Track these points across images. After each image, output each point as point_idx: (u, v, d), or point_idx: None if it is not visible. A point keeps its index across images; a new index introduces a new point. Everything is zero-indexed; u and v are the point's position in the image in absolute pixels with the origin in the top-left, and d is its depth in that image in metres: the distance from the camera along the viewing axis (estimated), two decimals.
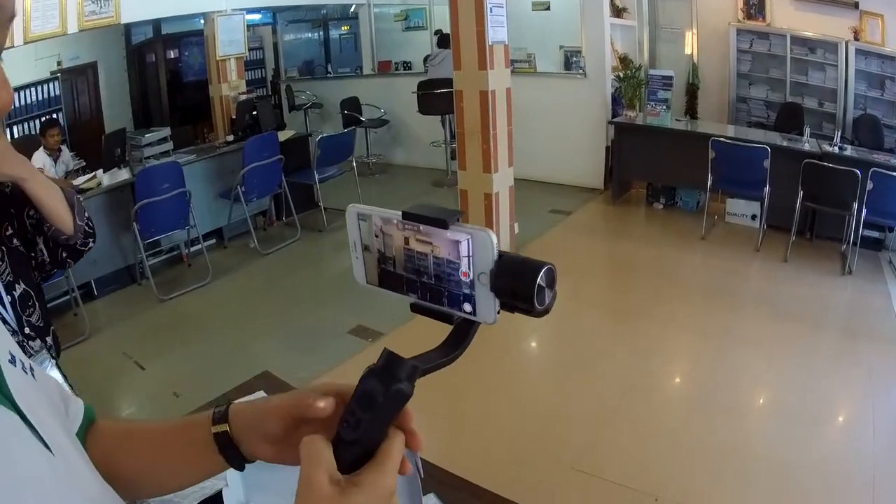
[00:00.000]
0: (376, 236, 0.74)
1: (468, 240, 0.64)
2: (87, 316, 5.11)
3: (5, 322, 1.68)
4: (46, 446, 0.65)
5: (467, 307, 0.69)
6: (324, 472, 0.67)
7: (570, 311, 4.60)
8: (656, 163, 5.83)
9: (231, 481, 1.77)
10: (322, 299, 5.50)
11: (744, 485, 2.91)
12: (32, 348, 1.78)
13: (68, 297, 5.20)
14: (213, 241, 6.63)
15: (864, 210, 4.41)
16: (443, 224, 0.64)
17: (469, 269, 0.66)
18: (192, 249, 6.30)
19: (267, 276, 6.05)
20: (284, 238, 6.73)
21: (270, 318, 5.21)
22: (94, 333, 5.01)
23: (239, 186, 6.12)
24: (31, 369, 0.75)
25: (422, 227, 0.67)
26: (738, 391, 3.59)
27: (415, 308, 0.74)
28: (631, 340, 4.18)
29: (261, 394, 2.45)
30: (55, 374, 1.80)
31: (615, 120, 6.22)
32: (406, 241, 0.70)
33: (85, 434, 0.88)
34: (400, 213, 0.69)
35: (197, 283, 5.76)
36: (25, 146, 5.78)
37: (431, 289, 0.70)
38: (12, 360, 0.71)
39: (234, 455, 0.83)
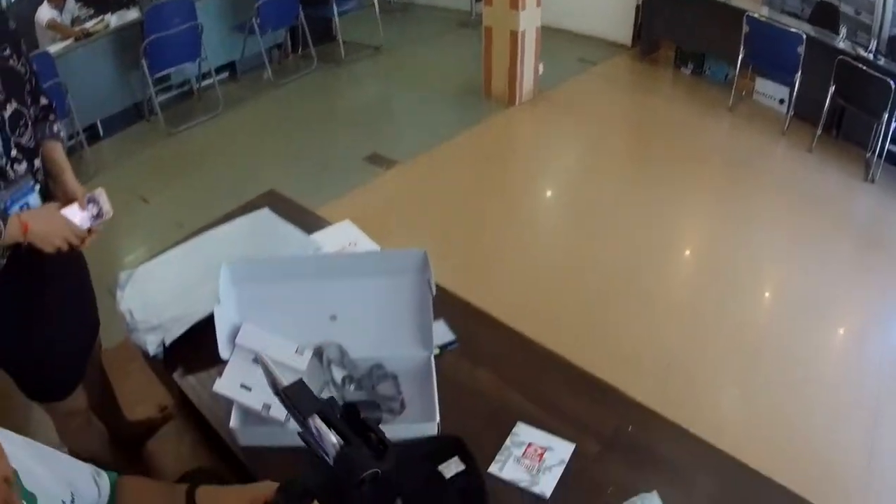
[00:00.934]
0: None
1: None
2: (93, 157, 5.02)
3: None
4: None
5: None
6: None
7: (591, 163, 4.48)
8: (687, 27, 5.53)
9: (224, 298, 1.70)
10: (336, 128, 5.38)
11: (750, 367, 2.89)
12: (17, 172, 1.67)
13: (73, 140, 5.08)
14: (226, 74, 6.41)
15: (893, 122, 4.15)
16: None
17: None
18: (203, 84, 6.10)
19: (280, 107, 5.87)
20: (300, 69, 6.48)
21: (282, 147, 5.11)
22: (99, 173, 4.96)
23: (254, 19, 5.84)
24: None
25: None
26: (753, 270, 3.50)
27: None
28: (649, 200, 4.05)
29: (266, 211, 2.38)
30: (35, 200, 1.71)
31: None
32: None
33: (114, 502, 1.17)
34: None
35: (207, 115, 5.62)
36: (30, 2, 5.52)
37: None
38: None
39: None
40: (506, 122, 5.08)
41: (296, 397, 0.94)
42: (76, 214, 1.76)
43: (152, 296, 2.03)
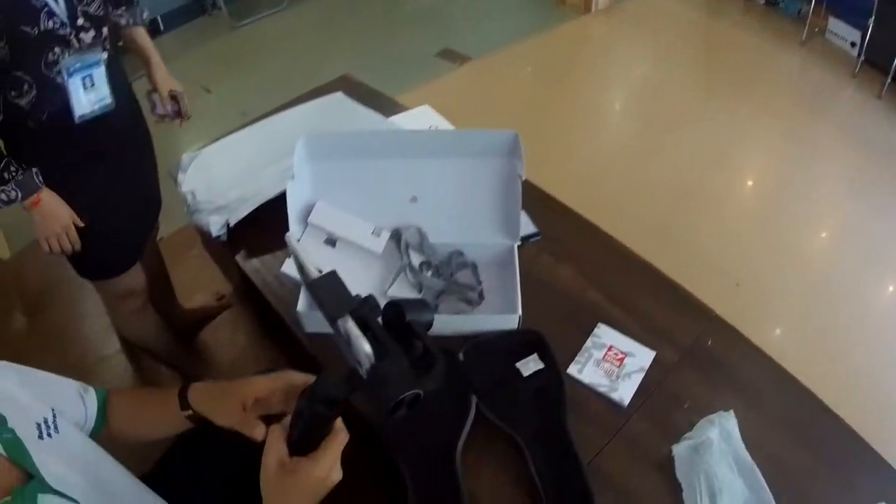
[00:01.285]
0: None
1: None
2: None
3: (52, 15, 1.53)
4: (71, 499, 0.91)
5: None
6: (273, 457, 0.89)
7: (662, 78, 4.29)
8: None
9: (298, 174, 1.62)
10: (407, 24, 5.22)
11: (816, 298, 2.78)
12: (83, 41, 1.61)
13: None
14: None
15: None
16: None
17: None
18: None
19: (349, 1, 5.64)
20: None
21: (351, 42, 4.96)
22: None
23: None
24: (53, 424, 0.99)
25: None
26: (816, 204, 3.32)
27: None
28: (717, 119, 3.87)
29: (339, 94, 2.28)
30: (101, 73, 1.66)
31: None
32: None
33: (104, 416, 1.19)
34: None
35: (271, 9, 5.44)
36: None
37: None
38: (39, 435, 0.95)
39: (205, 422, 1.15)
40: (580, 28, 4.91)
41: (325, 293, 0.79)
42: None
43: (217, 177, 1.96)
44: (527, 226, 1.73)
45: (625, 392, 1.36)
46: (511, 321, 1.45)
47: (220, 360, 2.58)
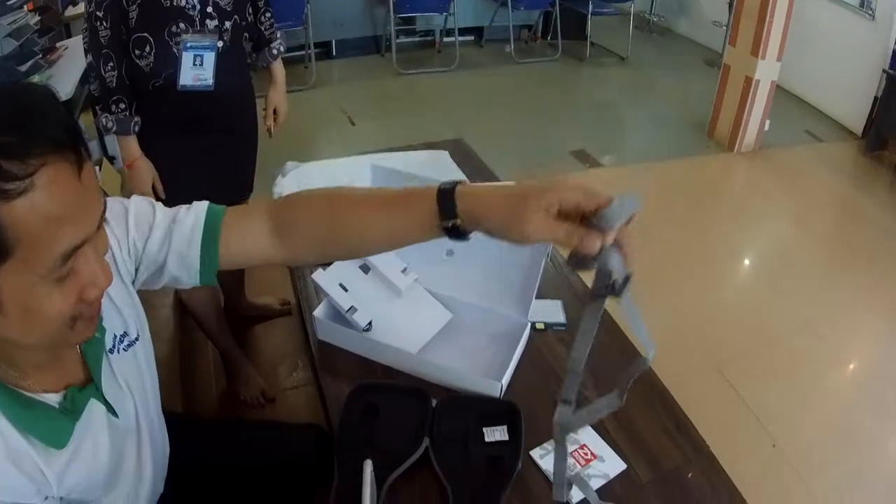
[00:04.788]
0: None
1: None
2: (318, 71, 5.27)
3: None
4: (115, 413, 0.99)
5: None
6: None
7: (790, 236, 4.15)
8: None
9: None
10: (557, 116, 5.40)
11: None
12: (206, 26, 1.91)
13: (303, 52, 5.38)
14: (471, 37, 6.58)
15: None
16: None
17: None
18: (445, 39, 6.29)
19: (513, 82, 5.97)
20: (543, 54, 6.60)
21: (499, 118, 5.19)
22: (318, 86, 5.26)
23: None
24: (130, 342, 1.06)
25: None
26: None
27: None
28: (839, 302, 3.58)
29: (444, 154, 2.41)
30: (210, 58, 1.94)
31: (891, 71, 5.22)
32: None
33: (220, 231, 1.06)
34: None
35: (441, 67, 5.78)
36: None
37: None
38: (113, 346, 1.02)
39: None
40: (720, 165, 4.88)
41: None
42: None
43: (306, 185, 2.09)
44: (557, 315, 1.76)
45: (577, 492, 1.32)
46: (493, 387, 1.46)
47: (260, 358, 2.71)
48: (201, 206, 1.09)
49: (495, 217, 0.89)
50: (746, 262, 3.99)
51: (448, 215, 0.92)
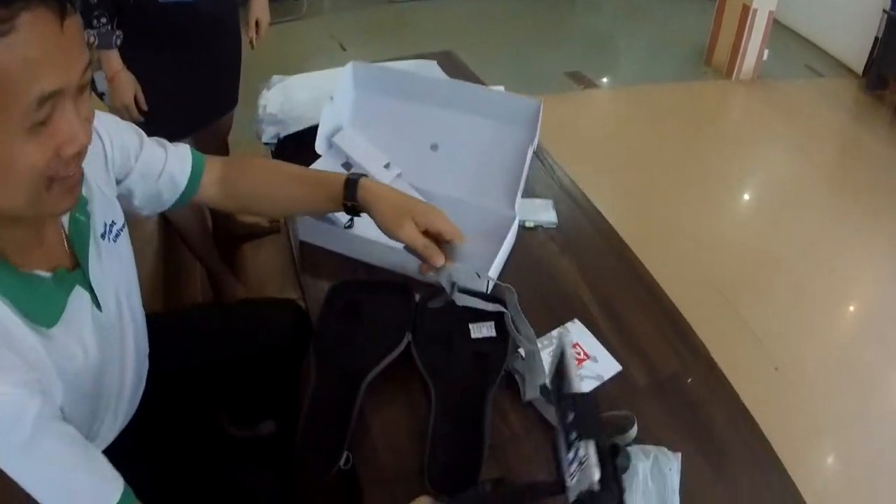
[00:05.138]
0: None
1: None
2: (309, 1, 5.14)
3: None
4: (99, 307, 0.98)
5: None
6: None
7: (790, 166, 4.05)
8: None
9: (338, 98, 1.68)
10: (553, 40, 5.29)
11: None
12: None
13: None
14: None
15: None
16: None
17: None
18: None
19: (506, 9, 5.81)
20: None
21: (493, 42, 5.08)
22: (309, 16, 5.10)
23: None
24: (118, 232, 1.07)
25: None
26: None
27: None
28: (837, 223, 3.54)
29: (433, 63, 2.29)
30: None
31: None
32: None
33: (198, 182, 1.24)
34: None
35: None
36: None
37: None
38: (103, 233, 1.02)
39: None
40: (718, 91, 4.76)
41: (583, 410, 0.81)
42: None
43: (293, 100, 2.05)
44: (547, 213, 1.68)
45: None
46: (480, 282, 1.37)
47: (248, 276, 2.66)
48: (188, 159, 1.23)
49: (380, 213, 1.19)
50: (745, 188, 3.90)
51: (349, 198, 1.20)
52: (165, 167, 1.18)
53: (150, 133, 2.06)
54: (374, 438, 1.17)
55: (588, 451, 0.76)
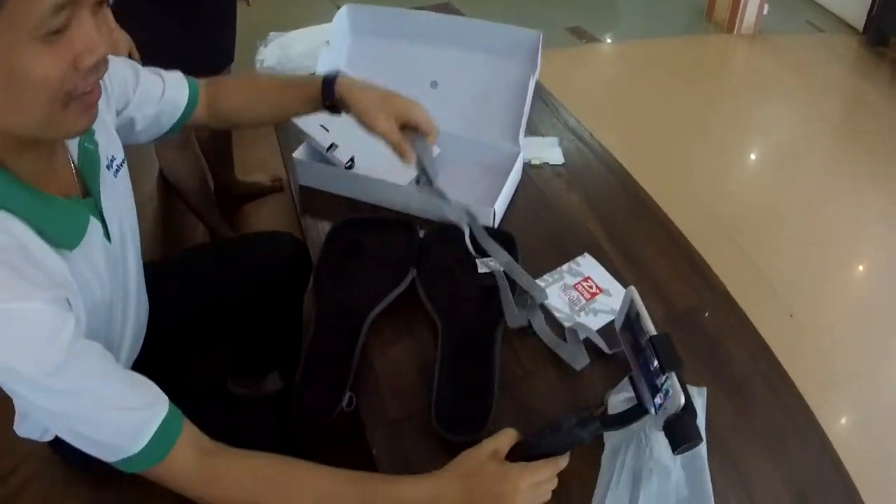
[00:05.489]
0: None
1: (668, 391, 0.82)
2: None
3: None
4: (108, 238, 0.96)
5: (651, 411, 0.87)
6: (493, 443, 0.89)
7: (790, 118, 3.98)
8: None
9: (334, 42, 1.63)
10: None
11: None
12: None
13: None
14: None
15: None
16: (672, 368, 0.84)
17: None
18: None
19: None
20: None
21: None
22: None
23: None
24: (119, 167, 1.05)
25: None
26: None
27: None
28: (838, 178, 3.45)
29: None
30: None
31: None
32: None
33: (195, 104, 1.26)
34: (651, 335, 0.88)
35: None
36: None
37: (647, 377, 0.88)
38: (108, 165, 1.01)
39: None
40: (720, 45, 4.69)
41: (663, 347, 0.87)
42: None
43: (290, 55, 2.04)
44: (555, 151, 1.63)
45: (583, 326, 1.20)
46: (486, 214, 1.31)
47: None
48: (184, 83, 1.26)
49: (358, 107, 1.18)
50: (750, 139, 3.82)
51: (328, 97, 1.20)
52: (165, 92, 1.19)
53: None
54: (379, 377, 1.11)
55: (672, 380, 0.82)
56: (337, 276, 1.23)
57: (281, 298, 1.50)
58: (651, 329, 0.90)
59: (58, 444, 1.13)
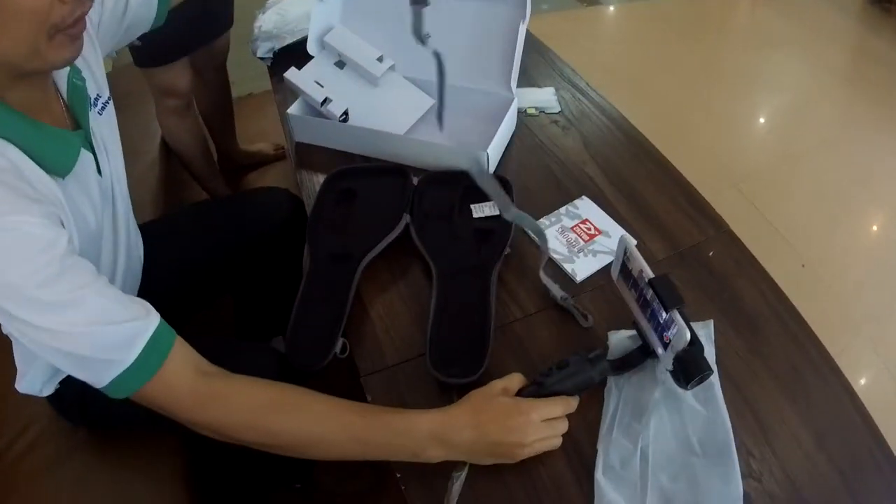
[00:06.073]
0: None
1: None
2: None
3: None
4: (100, 172, 0.99)
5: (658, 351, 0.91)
6: (504, 381, 0.91)
7: (805, 89, 3.87)
8: None
9: None
10: None
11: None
12: None
13: None
14: None
15: None
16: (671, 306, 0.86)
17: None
18: None
19: None
20: None
21: None
22: None
23: None
24: (108, 102, 1.07)
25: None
26: None
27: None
28: (852, 134, 3.36)
29: None
30: None
31: None
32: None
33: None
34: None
35: None
36: None
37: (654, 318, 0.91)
38: (94, 102, 1.01)
39: None
40: (723, 1, 4.65)
41: (663, 288, 0.88)
42: None
43: (286, 17, 1.99)
44: (551, 100, 1.60)
45: (581, 267, 1.16)
46: (479, 158, 1.30)
47: None
48: None
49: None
50: (757, 89, 3.75)
51: None
52: None
53: (146, 53, 2.03)
54: (373, 322, 1.09)
55: (675, 318, 0.85)
56: (330, 224, 1.22)
57: (278, 254, 1.49)
58: (649, 272, 0.91)
59: (57, 399, 1.12)
